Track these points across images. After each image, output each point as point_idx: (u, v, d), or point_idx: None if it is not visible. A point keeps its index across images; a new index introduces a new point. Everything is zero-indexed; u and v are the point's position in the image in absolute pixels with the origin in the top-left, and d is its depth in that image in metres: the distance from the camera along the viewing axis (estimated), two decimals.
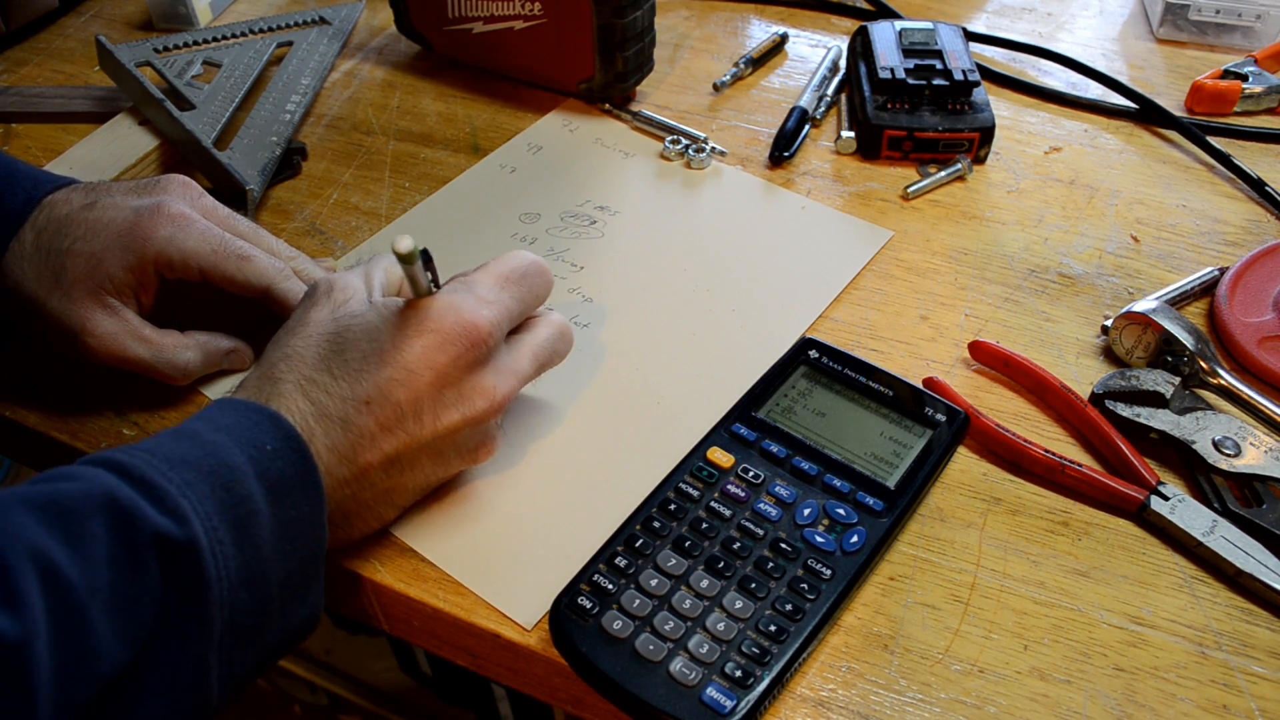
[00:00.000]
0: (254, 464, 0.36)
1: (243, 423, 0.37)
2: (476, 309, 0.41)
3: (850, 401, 0.47)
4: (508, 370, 0.43)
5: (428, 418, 0.40)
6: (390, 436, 0.40)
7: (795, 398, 0.47)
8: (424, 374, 0.40)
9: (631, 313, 0.55)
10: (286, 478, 0.37)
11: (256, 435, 0.37)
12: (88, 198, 0.47)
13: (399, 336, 0.40)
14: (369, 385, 0.39)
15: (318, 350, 0.41)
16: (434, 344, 0.40)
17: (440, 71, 0.75)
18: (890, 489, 0.43)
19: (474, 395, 0.41)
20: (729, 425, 0.46)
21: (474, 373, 0.41)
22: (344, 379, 0.40)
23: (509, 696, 0.93)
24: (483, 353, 0.41)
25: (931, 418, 0.46)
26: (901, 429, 0.46)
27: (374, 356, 0.40)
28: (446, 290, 0.43)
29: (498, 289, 0.43)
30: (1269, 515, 0.44)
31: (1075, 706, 0.39)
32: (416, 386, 0.40)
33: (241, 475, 0.35)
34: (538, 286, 0.45)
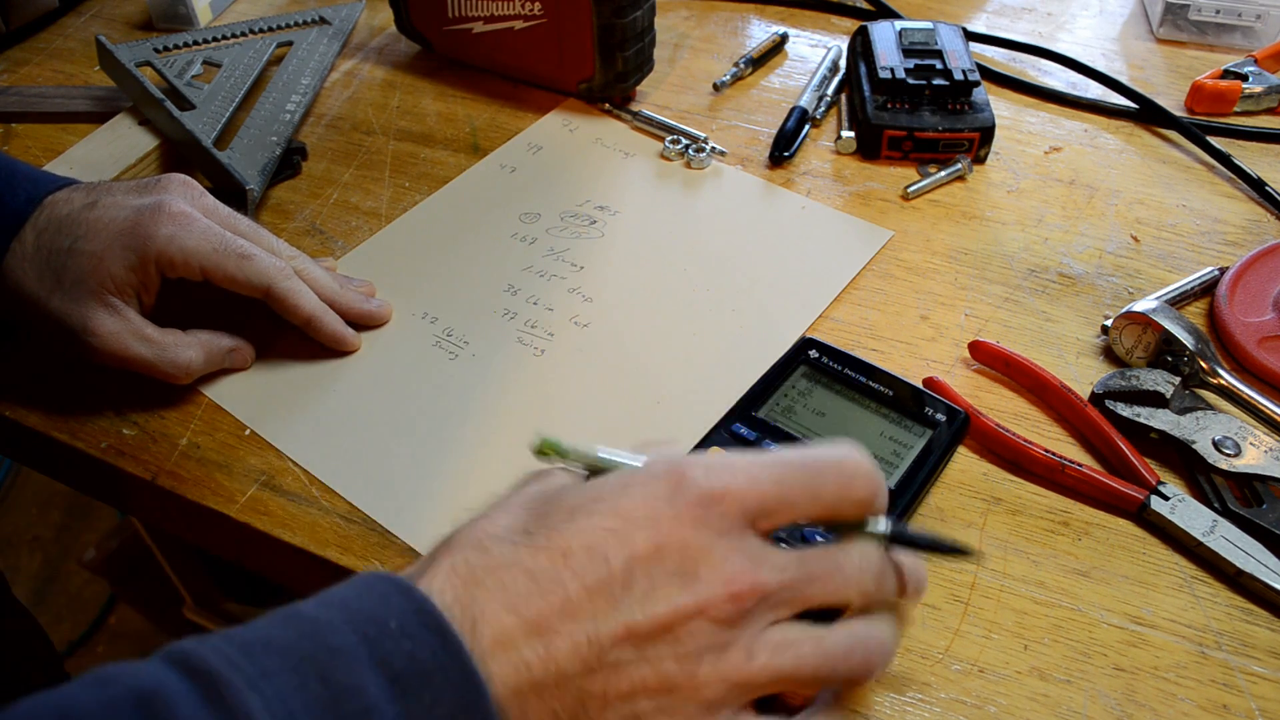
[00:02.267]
0: (369, 645, 0.27)
1: (362, 596, 0.29)
2: (714, 467, 0.32)
3: (850, 401, 0.47)
4: (765, 562, 0.31)
5: (640, 591, 0.30)
6: (593, 606, 0.29)
7: (795, 397, 0.47)
8: (643, 529, 0.30)
9: (632, 313, 0.55)
10: (419, 663, 0.27)
11: (378, 611, 0.28)
12: (89, 197, 0.48)
13: (618, 484, 0.32)
14: (572, 534, 0.30)
15: (516, 511, 0.32)
16: (659, 494, 0.31)
17: (440, 71, 0.75)
18: (890, 490, 0.43)
19: (702, 571, 0.30)
20: (729, 425, 0.46)
21: (709, 541, 0.31)
22: (541, 532, 0.31)
23: None
24: (716, 520, 0.31)
25: (931, 418, 0.46)
26: (901, 429, 0.46)
27: (584, 507, 0.31)
28: (692, 454, 0.34)
29: (755, 461, 0.33)
30: (1269, 515, 0.44)
31: (1075, 706, 0.39)
32: (633, 543, 0.30)
33: (347, 660, 0.27)
34: (820, 483, 0.32)
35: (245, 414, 0.49)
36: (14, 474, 1.57)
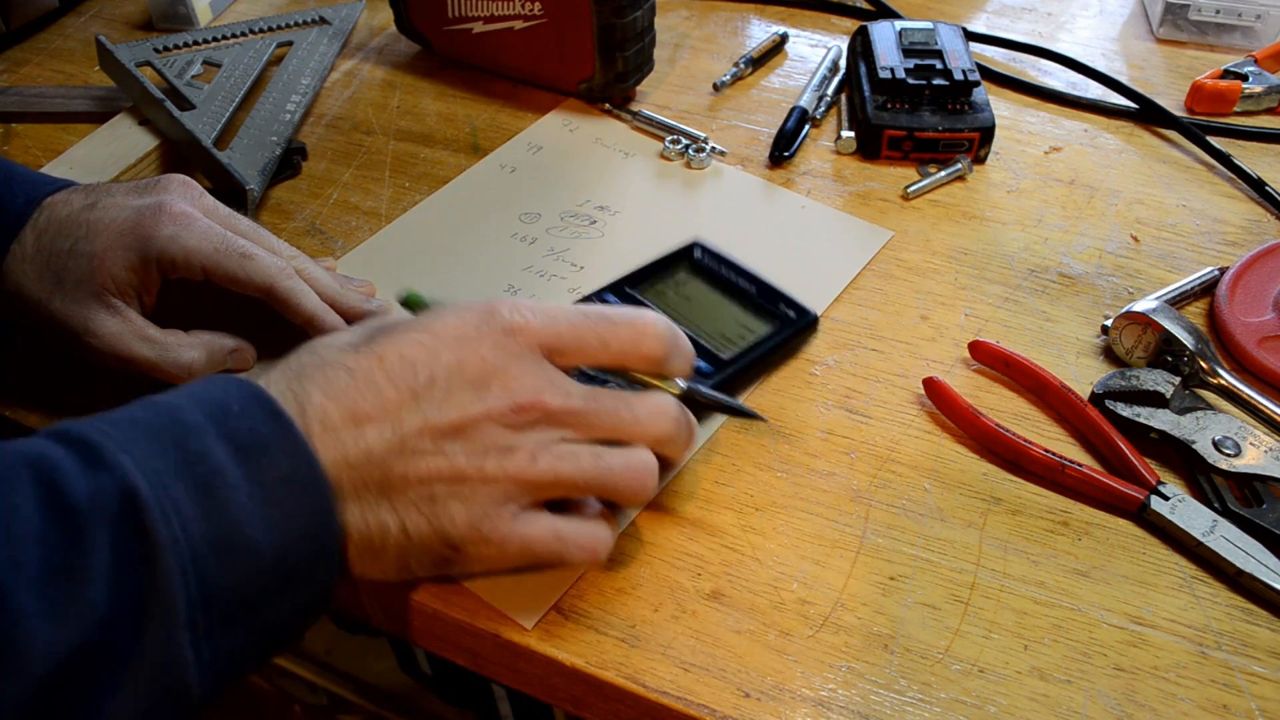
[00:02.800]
0: (215, 423, 0.33)
1: (209, 388, 0.35)
2: (523, 305, 0.39)
3: (719, 292, 0.53)
4: (553, 385, 0.38)
5: (439, 393, 0.36)
6: (400, 396, 0.36)
7: (671, 284, 0.54)
8: (448, 343, 0.37)
9: None
10: (257, 436, 0.34)
11: (221, 397, 0.34)
12: (88, 198, 0.47)
13: (434, 314, 0.38)
14: (387, 343, 0.37)
15: (350, 334, 0.38)
16: (468, 321, 0.38)
17: (440, 71, 0.75)
18: (723, 359, 0.49)
19: (494, 382, 0.37)
20: (601, 294, 0.52)
21: (504, 360, 0.38)
22: (363, 345, 0.37)
23: (509, 696, 0.93)
24: (512, 346, 0.38)
25: (782, 313, 0.52)
26: (754, 318, 0.52)
27: (403, 325, 0.38)
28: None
29: (559, 307, 0.40)
30: (1269, 515, 0.44)
31: (1075, 706, 0.39)
32: (438, 353, 0.37)
33: (198, 433, 0.33)
34: (610, 332, 0.40)
35: None
36: None
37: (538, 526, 0.38)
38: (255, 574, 0.33)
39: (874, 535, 0.44)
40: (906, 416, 0.50)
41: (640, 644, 0.40)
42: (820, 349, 0.53)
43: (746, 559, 0.44)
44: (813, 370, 0.52)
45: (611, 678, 0.40)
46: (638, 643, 0.41)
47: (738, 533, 0.45)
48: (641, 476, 0.39)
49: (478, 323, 0.38)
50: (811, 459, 0.48)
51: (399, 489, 0.37)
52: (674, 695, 0.39)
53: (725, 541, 0.44)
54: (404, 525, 0.37)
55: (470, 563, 0.39)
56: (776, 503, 0.46)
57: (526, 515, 0.38)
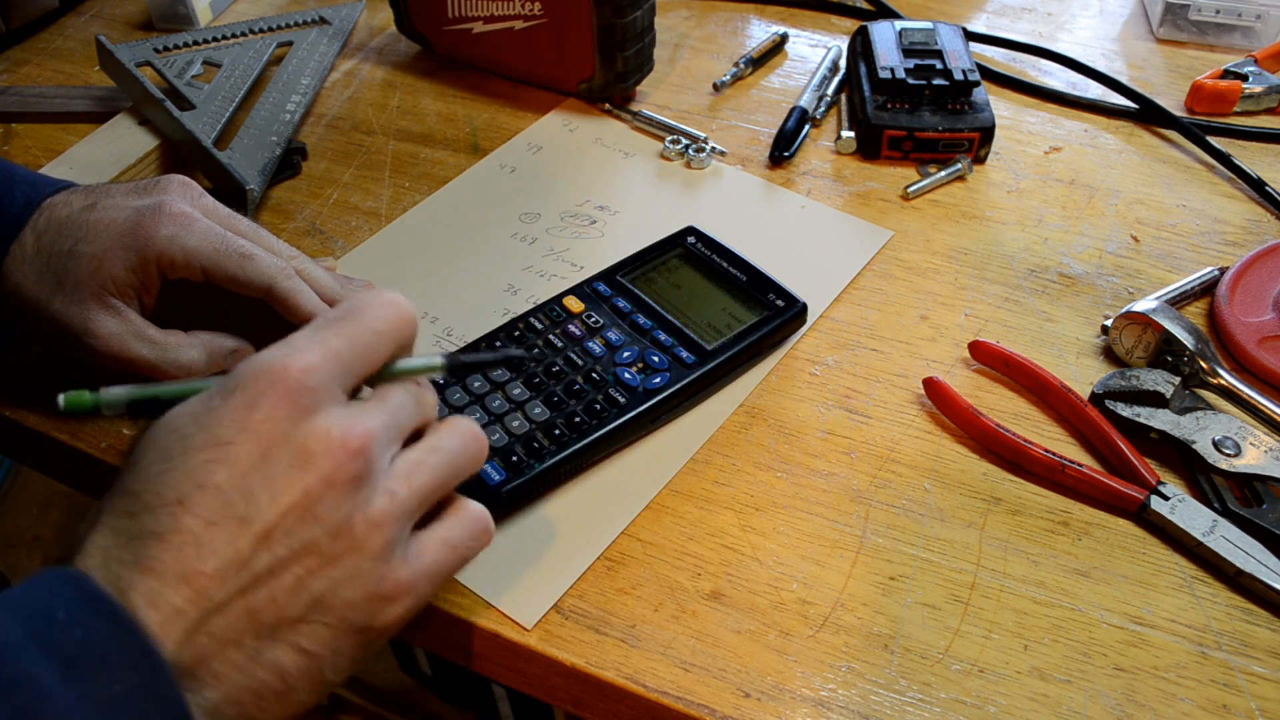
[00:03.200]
0: (38, 639, 0.28)
1: (30, 592, 0.29)
2: (284, 353, 0.33)
3: (708, 281, 0.53)
4: (362, 413, 0.34)
5: (262, 494, 0.31)
6: (222, 532, 0.31)
7: (662, 272, 0.54)
8: (240, 442, 0.31)
9: None
10: (92, 646, 0.28)
11: (46, 603, 0.29)
12: (88, 199, 0.47)
13: (199, 412, 0.32)
14: (178, 480, 0.31)
15: (120, 482, 0.32)
16: (241, 402, 0.32)
17: (440, 71, 0.75)
18: (707, 350, 0.49)
19: (313, 446, 0.32)
20: (592, 283, 0.53)
21: (308, 422, 0.32)
22: (148, 490, 0.31)
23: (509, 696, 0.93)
24: (307, 400, 0.32)
25: (771, 302, 0.52)
26: (742, 307, 0.52)
27: (175, 447, 0.32)
28: (254, 355, 0.34)
29: (312, 332, 0.34)
30: (1269, 515, 0.44)
31: (1075, 706, 0.39)
32: (237, 460, 0.31)
33: (16, 653, 0.27)
34: (371, 320, 0.35)
35: None
36: (14, 474, 1.57)
37: (431, 552, 0.35)
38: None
39: (874, 535, 0.44)
40: (906, 416, 0.50)
41: (640, 644, 0.41)
42: (820, 349, 0.53)
43: (746, 559, 0.44)
44: (813, 370, 0.52)
45: (611, 678, 0.40)
46: (638, 643, 0.41)
47: (738, 533, 0.45)
48: (475, 437, 0.37)
49: (252, 401, 0.32)
50: (811, 459, 0.48)
51: (273, 619, 0.32)
52: (674, 695, 0.39)
53: (725, 541, 0.44)
54: (300, 649, 0.32)
55: (388, 630, 0.35)
56: (776, 503, 0.46)
57: (413, 549, 0.35)
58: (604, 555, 0.44)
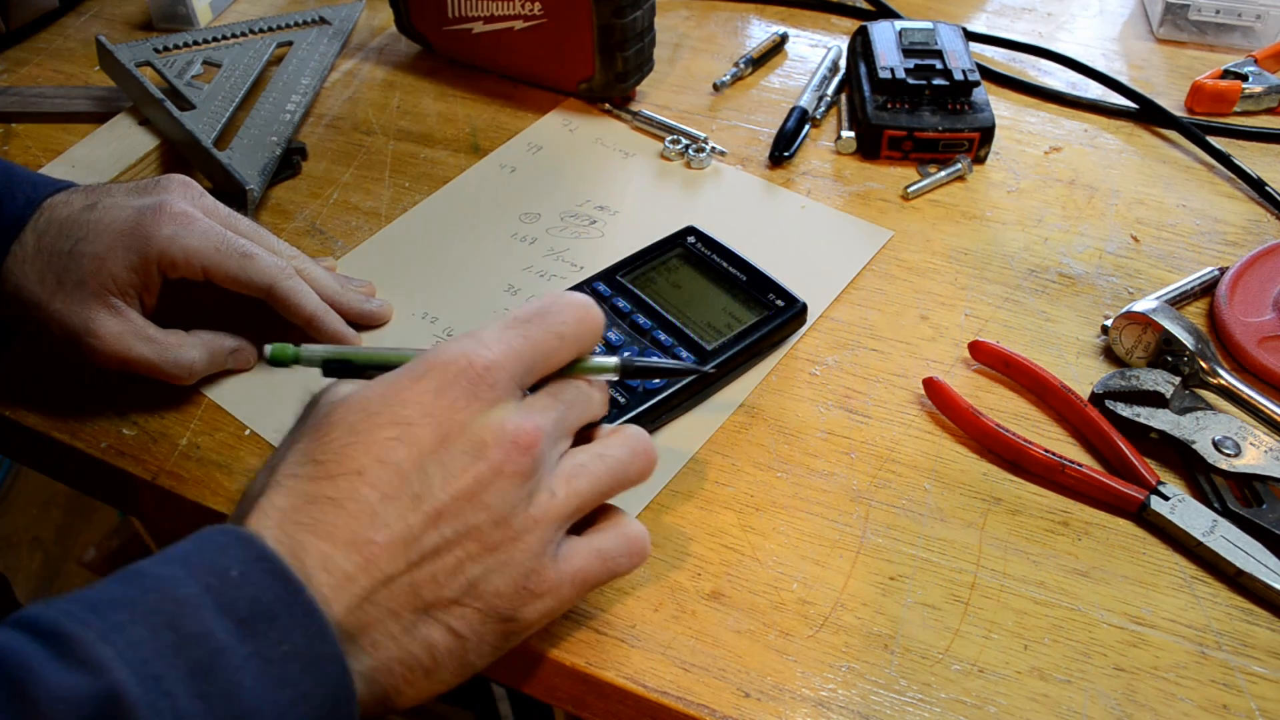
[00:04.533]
0: (213, 594, 0.29)
1: (203, 549, 0.30)
2: (472, 347, 0.35)
3: (708, 280, 0.53)
4: (534, 410, 0.35)
5: (437, 476, 0.33)
6: (396, 507, 0.32)
7: (662, 271, 0.54)
8: (423, 425, 0.33)
9: None
10: (262, 605, 0.29)
11: (218, 561, 0.30)
12: (88, 199, 0.47)
13: (388, 393, 0.34)
14: (360, 452, 0.33)
15: (297, 446, 0.34)
16: (429, 389, 0.34)
17: (440, 71, 0.75)
18: (707, 350, 0.49)
19: (488, 438, 0.33)
20: (591, 283, 0.53)
21: (486, 415, 0.34)
22: (331, 459, 0.33)
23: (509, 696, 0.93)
24: (487, 394, 0.34)
25: (771, 302, 0.52)
26: (742, 307, 0.52)
27: (362, 423, 0.33)
28: (443, 342, 0.36)
29: (501, 329, 0.36)
30: (1269, 515, 0.44)
31: (1075, 706, 0.39)
32: (417, 441, 0.33)
33: (194, 608, 0.29)
34: (558, 324, 0.37)
35: (245, 414, 0.49)
36: (14, 474, 1.57)
37: (581, 557, 0.36)
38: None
39: (874, 535, 0.44)
40: (906, 416, 0.50)
41: (640, 644, 0.41)
42: (820, 349, 0.53)
43: (746, 559, 0.44)
44: (813, 370, 0.52)
45: (611, 678, 0.40)
46: (638, 643, 0.41)
47: (738, 533, 0.45)
48: (645, 451, 0.38)
49: (439, 388, 0.34)
50: (811, 459, 0.48)
51: (433, 596, 0.33)
52: (674, 695, 0.39)
53: (725, 541, 0.44)
54: (451, 628, 0.34)
55: (530, 625, 0.36)
56: (776, 503, 0.46)
57: (565, 551, 0.36)
58: None
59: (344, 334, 0.51)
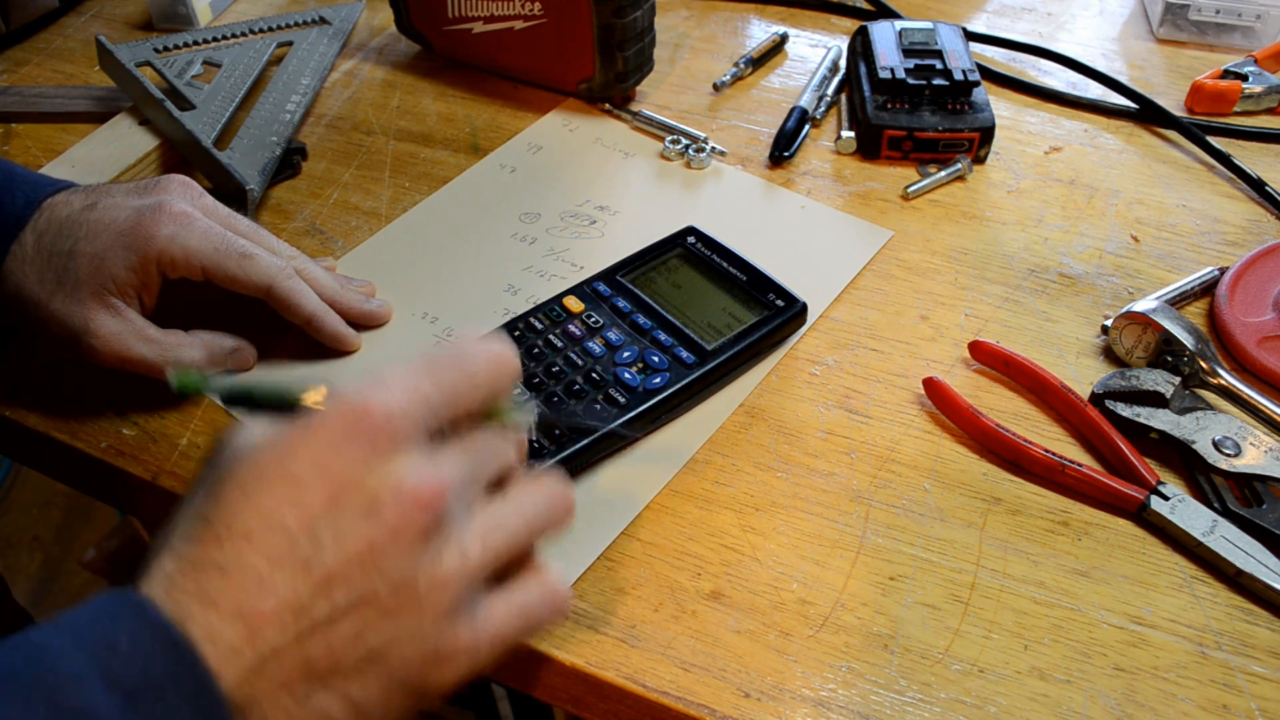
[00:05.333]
0: (100, 666, 0.28)
1: (96, 618, 0.29)
2: (373, 393, 0.32)
3: (708, 280, 0.53)
4: (441, 462, 0.33)
5: (328, 540, 0.30)
6: (284, 574, 0.30)
7: (662, 271, 0.54)
8: (314, 483, 0.31)
9: None
10: (152, 678, 0.28)
11: (109, 631, 0.28)
12: (88, 199, 0.47)
13: (281, 447, 0.31)
14: (249, 515, 0.30)
15: (194, 502, 0.32)
16: (324, 441, 0.31)
17: (440, 71, 0.75)
18: (707, 350, 0.49)
19: (385, 495, 0.31)
20: (591, 283, 0.53)
21: (384, 468, 0.31)
22: (220, 520, 0.31)
23: (509, 696, 0.93)
24: (385, 444, 0.31)
25: (771, 302, 0.52)
26: (742, 307, 0.52)
27: (253, 481, 0.31)
28: (345, 388, 0.33)
29: (407, 373, 0.33)
30: (1269, 515, 0.44)
31: (1075, 706, 0.39)
32: (307, 502, 0.30)
33: (78, 683, 0.27)
34: (469, 366, 0.34)
35: (245, 414, 0.49)
36: (14, 474, 1.57)
37: (497, 615, 0.34)
38: None
39: (874, 535, 0.44)
40: (906, 416, 0.50)
41: (640, 644, 0.41)
42: (820, 349, 0.53)
43: (746, 559, 0.44)
44: (813, 370, 0.52)
45: (611, 678, 0.40)
46: (638, 643, 0.41)
47: (738, 533, 0.45)
48: (564, 499, 0.36)
49: (334, 441, 0.31)
50: (811, 459, 0.48)
51: (327, 668, 0.31)
52: (674, 695, 0.39)
53: (725, 541, 0.44)
54: (351, 700, 0.31)
55: (442, 691, 0.34)
56: (776, 503, 0.46)
57: (481, 609, 0.34)
58: (604, 555, 0.44)
59: (343, 334, 0.51)
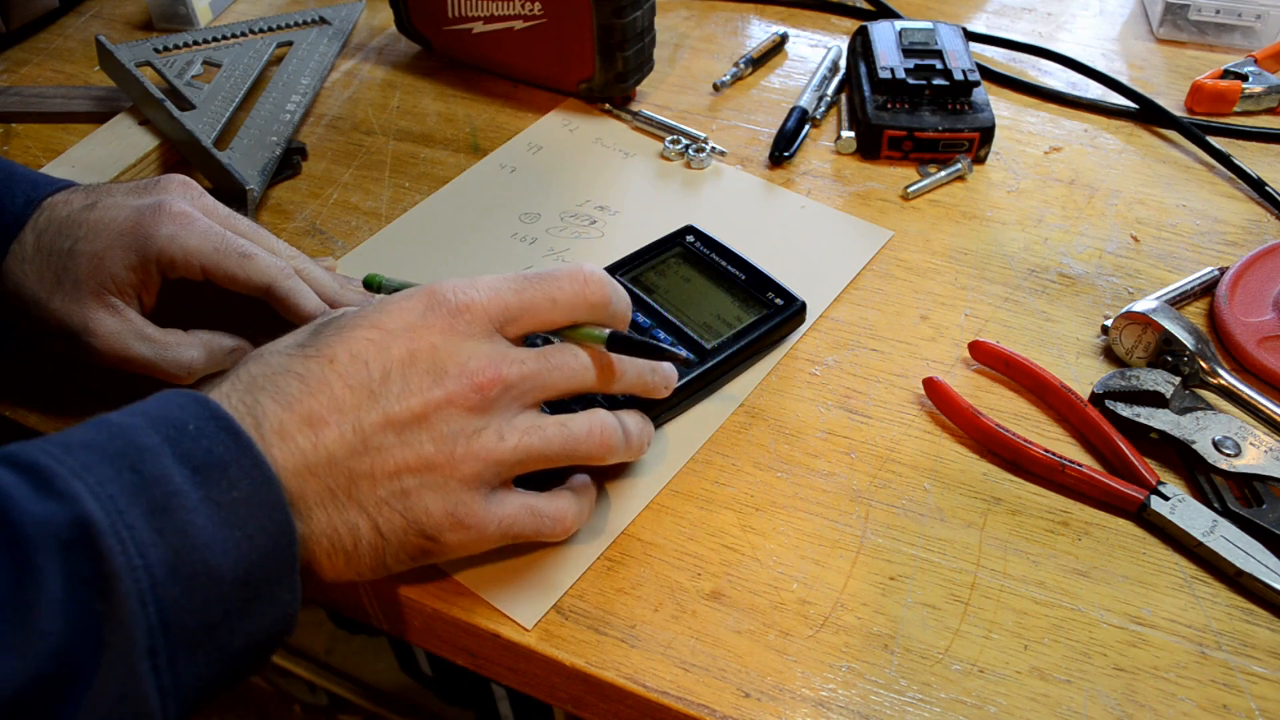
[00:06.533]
0: (171, 444, 0.32)
1: (164, 407, 0.34)
2: (464, 285, 0.39)
3: (707, 279, 0.54)
4: (507, 358, 0.38)
5: (397, 386, 0.36)
6: (355, 398, 0.36)
7: (661, 270, 0.54)
8: (399, 336, 0.37)
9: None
10: (215, 456, 0.33)
11: (177, 416, 0.33)
12: (88, 199, 0.47)
13: (382, 305, 0.38)
14: (336, 344, 0.36)
15: (295, 335, 0.38)
16: (416, 308, 0.37)
17: (440, 71, 0.75)
18: (706, 349, 0.49)
19: (450, 367, 0.37)
20: None
21: (458, 346, 0.37)
22: (310, 344, 0.37)
23: (509, 696, 0.93)
24: (461, 327, 0.38)
25: (770, 301, 0.52)
26: (741, 306, 0.52)
27: (350, 324, 0.37)
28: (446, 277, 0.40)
29: (499, 279, 0.39)
30: (1269, 515, 0.44)
31: (1075, 706, 0.39)
32: (389, 351, 0.36)
33: (154, 455, 0.32)
34: (554, 288, 0.39)
35: None
36: None
37: (511, 505, 0.39)
38: (216, 598, 0.32)
39: (874, 535, 0.44)
40: (906, 416, 0.50)
41: (640, 644, 0.41)
42: (820, 349, 0.53)
43: (746, 559, 0.44)
44: (813, 370, 0.52)
45: (611, 678, 0.40)
46: (638, 643, 0.41)
47: (738, 533, 0.45)
48: (605, 435, 0.40)
49: (423, 309, 0.37)
50: (811, 459, 0.48)
51: (367, 489, 0.36)
52: (674, 695, 0.39)
53: (725, 541, 0.44)
54: (376, 525, 0.37)
55: (448, 550, 0.38)
56: (776, 503, 0.46)
57: (499, 495, 0.39)
58: (604, 555, 0.44)
59: None
